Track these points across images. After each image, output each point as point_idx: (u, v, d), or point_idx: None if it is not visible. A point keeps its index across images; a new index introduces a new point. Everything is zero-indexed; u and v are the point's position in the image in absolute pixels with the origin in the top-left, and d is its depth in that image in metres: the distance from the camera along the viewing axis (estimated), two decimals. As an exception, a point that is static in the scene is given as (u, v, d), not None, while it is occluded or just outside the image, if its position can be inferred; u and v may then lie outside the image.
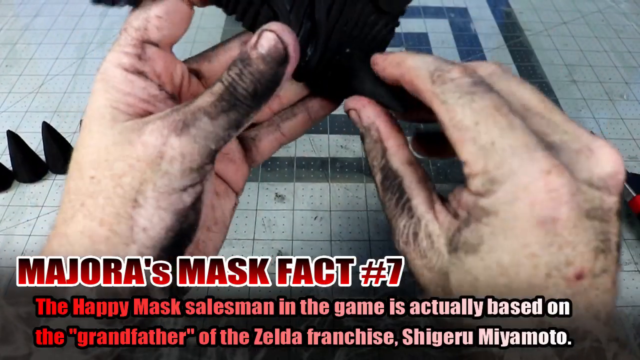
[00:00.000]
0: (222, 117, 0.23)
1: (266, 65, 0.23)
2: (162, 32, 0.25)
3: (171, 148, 0.22)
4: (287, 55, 0.23)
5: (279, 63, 0.23)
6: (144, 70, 0.24)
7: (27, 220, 0.41)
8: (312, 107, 0.31)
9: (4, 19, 0.62)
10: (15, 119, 0.49)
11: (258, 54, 0.23)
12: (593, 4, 0.65)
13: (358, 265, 0.32)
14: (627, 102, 0.52)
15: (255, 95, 0.23)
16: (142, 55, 0.24)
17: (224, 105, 0.23)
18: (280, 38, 0.23)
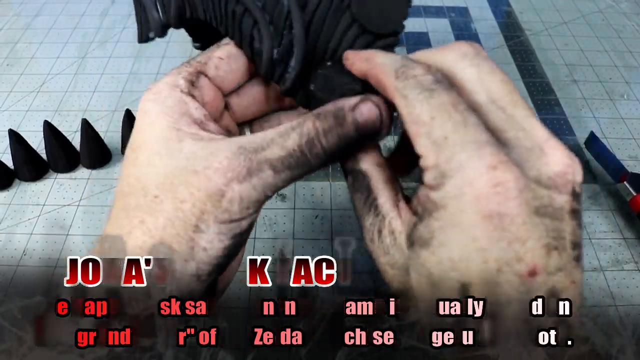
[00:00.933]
0: (286, 173, 0.23)
1: (356, 133, 0.23)
2: (219, 72, 0.26)
3: (232, 190, 0.23)
4: (380, 130, 0.23)
5: (367, 137, 0.23)
6: (195, 95, 0.25)
7: (28, 219, 0.41)
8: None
9: (5, 19, 0.62)
10: (17, 118, 0.49)
11: (353, 119, 0.23)
12: (593, 4, 0.65)
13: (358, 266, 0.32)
14: (627, 102, 0.52)
15: (331, 156, 0.23)
16: (195, 82, 0.26)
17: (292, 162, 0.23)
18: (381, 113, 0.23)
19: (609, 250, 0.39)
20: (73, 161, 0.44)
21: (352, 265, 0.38)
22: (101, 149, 0.45)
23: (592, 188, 0.44)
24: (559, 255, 0.19)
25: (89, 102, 0.51)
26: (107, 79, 0.54)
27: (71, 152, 0.44)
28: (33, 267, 0.38)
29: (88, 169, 0.45)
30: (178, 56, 0.57)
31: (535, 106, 0.51)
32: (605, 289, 0.37)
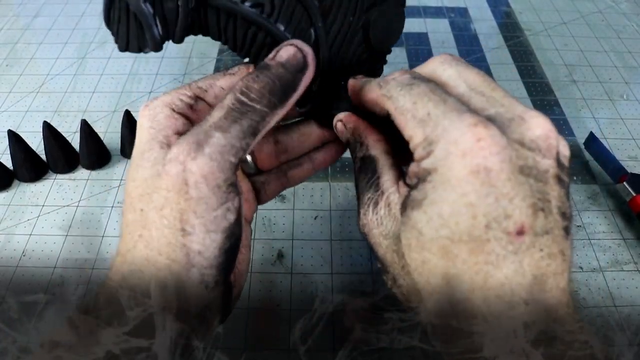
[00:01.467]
0: (234, 128, 0.23)
1: (285, 70, 0.25)
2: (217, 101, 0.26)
3: (191, 173, 0.22)
4: (306, 62, 0.25)
5: (297, 69, 0.25)
6: (190, 117, 0.26)
7: (27, 220, 0.41)
8: (316, 158, 0.34)
9: (4, 19, 0.62)
10: (16, 119, 0.49)
11: (277, 62, 0.25)
12: (593, 4, 0.65)
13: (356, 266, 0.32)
14: (627, 102, 0.52)
15: (271, 95, 0.24)
16: (194, 105, 0.26)
17: (235, 114, 0.23)
18: (300, 48, 0.25)
19: (609, 251, 0.39)
20: (72, 162, 0.44)
21: (352, 266, 0.38)
22: (100, 150, 0.45)
23: (592, 188, 0.44)
24: (546, 217, 0.19)
25: (88, 102, 0.51)
26: (106, 80, 0.54)
27: (70, 153, 0.44)
28: (32, 267, 0.38)
29: (87, 170, 0.45)
30: (178, 57, 0.57)
31: (535, 106, 0.51)
32: (604, 289, 0.37)
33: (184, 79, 0.54)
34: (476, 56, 0.57)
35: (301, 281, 0.37)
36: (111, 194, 0.43)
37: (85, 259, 0.38)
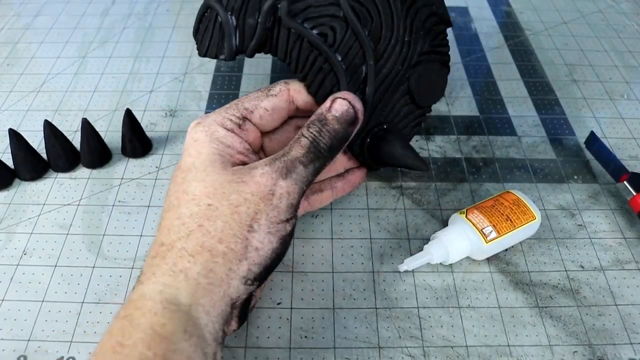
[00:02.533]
0: (311, 165, 0.29)
1: (340, 125, 0.30)
2: (262, 121, 0.32)
3: (280, 188, 0.28)
4: (356, 117, 0.31)
5: (349, 123, 0.30)
6: (241, 136, 0.31)
7: (28, 219, 0.41)
8: (337, 186, 0.38)
9: (5, 18, 0.63)
10: (17, 118, 0.49)
11: (333, 117, 0.30)
12: (593, 4, 0.65)
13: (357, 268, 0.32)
14: (627, 102, 0.52)
15: (331, 149, 0.30)
16: (242, 125, 0.31)
17: (311, 156, 0.29)
18: (352, 104, 0.31)
19: (610, 250, 0.39)
20: (73, 161, 0.44)
21: (352, 265, 0.38)
22: (101, 149, 0.45)
23: (593, 188, 0.44)
24: None
25: (89, 101, 0.51)
26: (107, 79, 0.54)
27: (71, 152, 0.44)
28: (33, 266, 0.38)
29: (88, 169, 0.45)
30: (178, 56, 0.57)
31: (535, 106, 0.51)
32: (605, 288, 0.37)
33: (184, 78, 0.54)
34: (476, 56, 0.57)
35: (302, 280, 0.37)
36: (112, 193, 0.43)
37: (86, 258, 0.38)
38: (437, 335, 0.34)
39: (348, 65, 0.33)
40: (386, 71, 0.34)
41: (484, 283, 0.37)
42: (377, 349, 0.33)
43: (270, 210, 0.27)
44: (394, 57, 0.34)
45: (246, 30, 0.33)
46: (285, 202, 0.28)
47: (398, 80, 0.35)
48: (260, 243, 0.27)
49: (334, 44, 0.33)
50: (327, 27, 0.33)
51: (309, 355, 0.33)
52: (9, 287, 0.36)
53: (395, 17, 0.34)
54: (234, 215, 0.27)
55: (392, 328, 0.34)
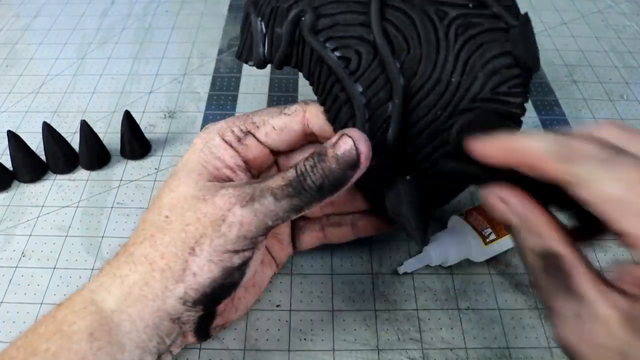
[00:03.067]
0: (285, 201, 0.25)
1: (338, 166, 0.26)
2: (268, 139, 0.29)
3: (233, 215, 0.25)
4: (358, 161, 0.26)
5: (349, 167, 0.25)
6: (238, 150, 0.28)
7: (27, 220, 0.41)
8: (358, 225, 0.34)
9: (4, 19, 0.62)
10: (16, 119, 0.49)
11: (333, 154, 0.25)
12: (593, 4, 0.65)
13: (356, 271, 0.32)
14: (627, 102, 0.52)
15: (320, 189, 0.25)
16: (242, 139, 0.28)
17: (290, 191, 0.25)
18: (356, 146, 0.25)
19: (609, 251, 0.39)
20: (72, 162, 0.44)
21: (351, 266, 0.38)
22: (100, 150, 0.45)
23: (592, 189, 0.44)
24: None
25: (88, 103, 0.51)
26: (106, 80, 0.54)
27: (70, 153, 0.44)
28: (32, 268, 0.38)
29: (87, 170, 0.45)
30: (177, 57, 0.57)
31: (535, 107, 0.51)
32: (605, 290, 0.37)
33: (183, 80, 0.54)
34: (476, 56, 0.57)
35: (301, 282, 0.37)
36: (111, 195, 0.43)
37: (85, 260, 0.38)
38: (437, 337, 0.34)
39: (369, 100, 0.28)
40: (420, 114, 0.28)
41: (484, 285, 0.37)
42: (376, 351, 0.33)
43: (216, 237, 0.25)
44: (431, 98, 0.28)
45: (274, 40, 0.30)
46: (236, 232, 0.25)
47: (437, 127, 0.28)
48: (199, 269, 0.25)
49: (356, 71, 0.28)
50: (352, 50, 0.28)
51: (308, 357, 0.33)
52: (7, 289, 0.36)
53: (443, 49, 0.27)
54: (181, 234, 0.25)
55: (391, 330, 0.34)
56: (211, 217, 0.25)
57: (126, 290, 0.25)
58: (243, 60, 0.31)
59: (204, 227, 0.25)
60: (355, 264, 0.38)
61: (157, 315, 0.25)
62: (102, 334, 0.24)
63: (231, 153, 0.28)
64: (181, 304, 0.26)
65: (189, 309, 0.26)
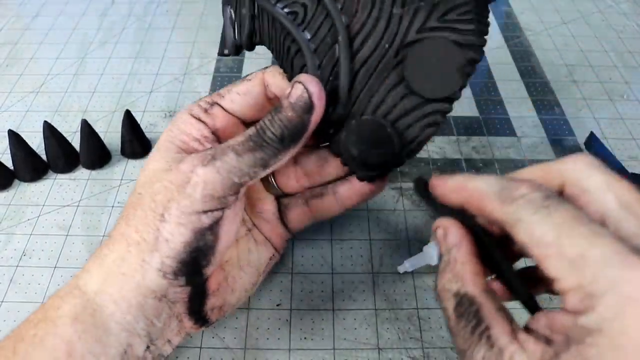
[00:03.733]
0: (247, 155, 0.25)
1: (294, 112, 0.26)
2: (233, 105, 0.29)
3: (196, 175, 0.25)
4: (312, 103, 0.26)
5: (304, 111, 0.26)
6: (204, 120, 0.29)
7: (27, 220, 0.41)
8: (340, 192, 0.33)
9: (4, 19, 0.62)
10: (16, 119, 0.49)
11: (288, 103, 0.26)
12: (593, 4, 0.65)
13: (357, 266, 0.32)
14: (627, 102, 0.52)
15: (282, 139, 0.26)
16: (208, 109, 0.29)
17: (251, 145, 0.25)
18: (306, 87, 0.26)
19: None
20: (73, 162, 0.44)
21: (352, 266, 0.38)
22: (101, 150, 0.45)
23: (592, 188, 0.44)
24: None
25: (88, 102, 0.51)
26: (106, 80, 0.54)
27: (71, 153, 0.44)
28: (33, 267, 0.38)
29: (88, 170, 0.45)
30: (178, 56, 0.57)
31: (534, 106, 0.51)
32: (605, 289, 0.37)
33: (184, 79, 0.54)
34: (476, 56, 0.57)
35: (301, 281, 0.37)
36: (111, 194, 0.43)
37: (85, 259, 0.38)
38: (437, 336, 0.34)
39: (318, 45, 0.28)
40: (366, 51, 0.28)
41: (484, 284, 0.37)
42: (377, 350, 0.33)
43: (182, 199, 0.25)
44: (376, 33, 0.28)
45: (242, 21, 0.31)
46: (200, 191, 0.25)
47: (386, 63, 0.28)
48: (170, 235, 0.25)
49: (303, 21, 0.29)
50: (299, 4, 0.29)
51: (309, 356, 0.33)
52: (8, 288, 0.36)
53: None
54: (151, 204, 0.26)
55: (392, 329, 0.34)
56: (176, 181, 0.25)
57: (106, 270, 0.25)
58: (220, 53, 0.32)
59: (171, 192, 0.25)
60: (356, 263, 0.38)
61: (139, 292, 0.25)
62: (85, 316, 0.24)
63: (198, 126, 0.28)
64: (161, 276, 0.25)
65: (171, 281, 0.25)
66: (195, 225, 0.25)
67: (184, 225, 0.25)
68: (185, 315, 0.27)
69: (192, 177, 0.25)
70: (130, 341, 0.25)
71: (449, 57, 0.27)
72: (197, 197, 0.25)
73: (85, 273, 0.26)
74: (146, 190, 0.26)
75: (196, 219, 0.25)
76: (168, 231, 0.25)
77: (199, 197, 0.25)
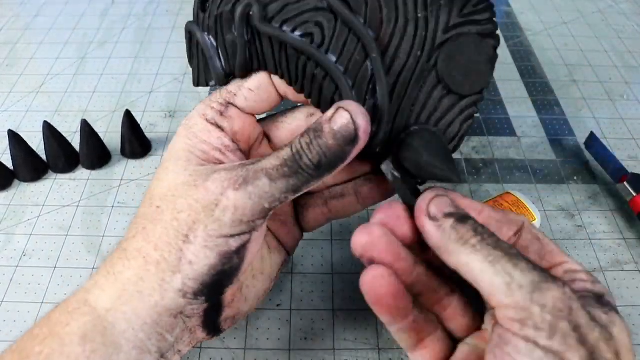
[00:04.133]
0: (281, 181, 0.24)
1: (335, 142, 0.24)
2: (248, 102, 0.28)
3: (227, 199, 0.24)
4: (357, 136, 0.24)
5: (347, 142, 0.24)
6: (222, 125, 0.27)
7: (27, 220, 0.41)
8: (362, 192, 0.32)
9: (4, 19, 0.62)
10: (16, 119, 0.49)
11: (330, 129, 0.24)
12: (593, 4, 0.65)
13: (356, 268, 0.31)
14: (627, 102, 0.52)
15: (318, 167, 0.24)
16: (224, 112, 0.27)
17: (286, 171, 0.24)
18: (353, 119, 0.24)
19: (609, 251, 0.39)
20: (73, 162, 0.44)
21: (352, 266, 0.38)
22: (101, 150, 0.45)
23: (592, 188, 0.44)
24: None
25: (88, 102, 0.51)
26: (106, 80, 0.54)
27: (71, 153, 0.44)
28: (33, 267, 0.38)
29: (88, 170, 0.45)
30: (178, 56, 0.57)
31: (534, 106, 0.51)
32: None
33: (184, 79, 0.54)
34: (476, 56, 0.57)
35: (301, 281, 0.37)
36: (111, 194, 0.43)
37: (85, 259, 0.38)
38: (437, 336, 0.34)
39: (347, 65, 0.27)
40: (401, 62, 0.27)
41: (484, 284, 0.37)
42: (376, 350, 0.33)
43: (210, 223, 0.24)
44: (406, 41, 0.26)
45: (227, 48, 0.28)
46: (230, 216, 0.24)
47: (422, 69, 0.27)
48: (195, 257, 0.24)
49: (323, 42, 0.26)
50: (312, 24, 0.26)
51: (309, 356, 0.33)
52: (8, 288, 0.36)
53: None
54: (173, 222, 0.24)
55: (391, 329, 0.34)
56: (203, 202, 0.24)
57: (120, 287, 0.24)
58: (203, 84, 0.29)
59: (197, 213, 0.24)
60: (356, 263, 0.38)
61: (156, 311, 0.24)
62: (95, 335, 0.23)
63: (217, 134, 0.27)
64: (181, 296, 0.24)
65: (191, 301, 0.25)
66: (222, 249, 0.24)
67: (210, 248, 0.24)
68: (199, 328, 0.27)
69: (222, 200, 0.24)
70: (140, 358, 0.24)
71: (478, 50, 0.27)
72: (226, 222, 0.24)
73: (97, 289, 0.25)
74: (167, 205, 0.25)
75: (223, 243, 0.24)
76: (192, 253, 0.24)
77: (228, 222, 0.24)
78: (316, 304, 0.36)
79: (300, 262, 0.38)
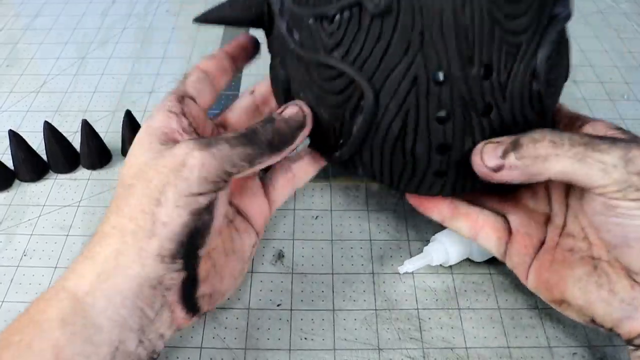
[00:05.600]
0: (239, 148, 0.27)
1: (286, 125, 0.29)
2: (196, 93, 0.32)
3: (192, 157, 0.26)
4: (304, 122, 0.30)
5: (297, 127, 0.29)
6: (180, 112, 0.30)
7: (28, 220, 0.41)
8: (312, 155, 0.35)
9: (4, 19, 0.63)
10: (17, 119, 0.49)
11: (281, 117, 0.29)
12: (593, 4, 0.65)
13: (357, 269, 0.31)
14: (627, 102, 0.52)
15: (270, 145, 0.28)
16: (181, 102, 0.30)
17: (243, 140, 0.27)
18: (302, 109, 0.30)
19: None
20: (73, 162, 0.44)
21: (352, 266, 0.38)
22: (101, 150, 0.45)
23: (592, 188, 0.44)
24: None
25: (89, 102, 0.51)
26: (107, 80, 0.54)
27: (71, 153, 0.44)
28: (33, 267, 0.38)
29: (88, 170, 0.45)
30: (178, 57, 0.57)
31: (535, 107, 0.51)
32: (605, 289, 0.37)
33: (184, 79, 0.54)
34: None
35: (301, 281, 0.37)
36: (112, 194, 0.43)
37: (86, 259, 0.38)
38: (437, 337, 0.34)
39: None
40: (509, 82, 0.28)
41: (484, 285, 0.37)
42: (376, 350, 0.33)
43: (179, 182, 0.25)
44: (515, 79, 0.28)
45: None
46: (197, 173, 0.26)
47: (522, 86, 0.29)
48: (168, 217, 0.25)
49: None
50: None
51: (309, 356, 0.33)
52: (9, 288, 0.36)
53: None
54: (145, 191, 0.26)
55: (392, 330, 0.34)
56: (171, 165, 0.26)
57: (99, 268, 0.25)
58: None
59: (166, 176, 0.26)
60: (356, 263, 0.38)
61: (136, 282, 0.25)
62: (75, 317, 0.23)
63: (176, 119, 0.29)
64: (159, 261, 0.25)
65: (169, 265, 0.25)
66: (193, 207, 0.26)
67: (181, 207, 0.25)
68: (178, 304, 0.27)
69: (188, 159, 0.26)
70: (122, 337, 0.24)
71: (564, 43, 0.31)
72: (194, 179, 0.26)
73: (74, 274, 0.25)
74: (138, 180, 0.26)
75: (193, 200, 0.26)
76: (165, 214, 0.25)
77: (196, 179, 0.26)
78: (316, 304, 0.36)
79: (300, 262, 0.38)
